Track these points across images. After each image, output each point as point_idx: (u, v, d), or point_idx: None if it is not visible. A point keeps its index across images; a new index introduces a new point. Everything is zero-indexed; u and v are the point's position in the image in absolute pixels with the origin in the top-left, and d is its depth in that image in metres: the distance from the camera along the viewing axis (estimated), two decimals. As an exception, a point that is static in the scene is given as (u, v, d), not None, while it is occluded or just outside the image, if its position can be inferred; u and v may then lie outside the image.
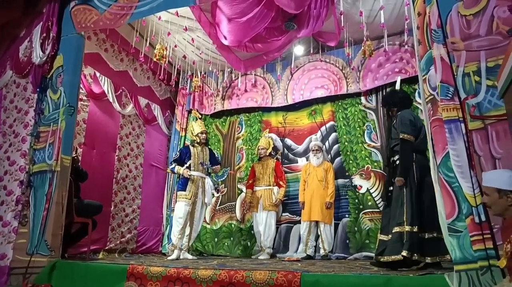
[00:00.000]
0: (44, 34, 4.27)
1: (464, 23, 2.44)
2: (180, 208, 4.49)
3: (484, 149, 2.20)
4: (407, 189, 3.08)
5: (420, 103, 4.79)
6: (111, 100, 5.25)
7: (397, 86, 3.63)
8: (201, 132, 4.85)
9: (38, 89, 4.23)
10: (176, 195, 4.74)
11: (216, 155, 5.12)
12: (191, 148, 4.80)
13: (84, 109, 4.94)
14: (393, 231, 3.04)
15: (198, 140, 4.81)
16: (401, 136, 3.16)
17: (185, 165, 4.62)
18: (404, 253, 2.85)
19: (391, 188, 3.26)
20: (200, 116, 5.20)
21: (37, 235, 3.60)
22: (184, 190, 4.56)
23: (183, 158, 4.71)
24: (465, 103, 2.30)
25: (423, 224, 2.99)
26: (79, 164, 4.35)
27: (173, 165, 4.71)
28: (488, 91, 2.27)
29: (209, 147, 5.15)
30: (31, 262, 3.42)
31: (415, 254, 2.86)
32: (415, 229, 2.93)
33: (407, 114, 3.32)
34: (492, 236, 2.04)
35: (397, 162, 3.22)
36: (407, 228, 2.94)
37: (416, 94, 4.99)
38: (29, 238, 3.66)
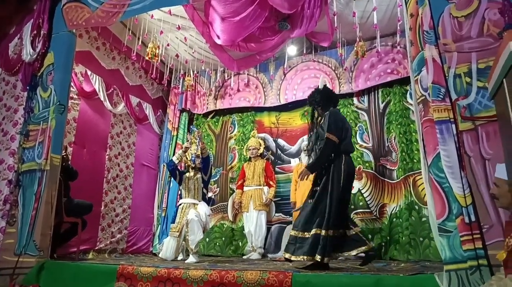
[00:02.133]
0: (35, 32, 4.21)
1: (456, 24, 2.46)
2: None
3: (474, 150, 2.21)
4: (332, 192, 3.04)
5: (411, 104, 4.83)
6: (102, 99, 5.20)
7: (320, 85, 3.56)
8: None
9: (28, 87, 4.16)
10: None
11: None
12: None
13: (75, 108, 4.88)
14: (311, 232, 3.02)
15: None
16: (326, 135, 3.13)
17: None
18: (318, 257, 2.90)
19: (317, 188, 3.20)
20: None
21: (26, 235, 3.53)
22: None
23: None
24: (456, 104, 2.32)
25: (340, 225, 3.05)
26: (69, 163, 4.30)
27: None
28: (479, 93, 2.29)
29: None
30: (19, 263, 3.35)
31: (326, 258, 2.91)
32: (331, 233, 2.96)
33: (334, 115, 3.27)
34: (482, 236, 2.06)
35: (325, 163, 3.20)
36: (323, 232, 2.96)
37: (408, 95, 5.03)
38: (17, 238, 3.60)
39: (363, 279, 2.39)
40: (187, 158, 4.71)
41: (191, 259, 4.15)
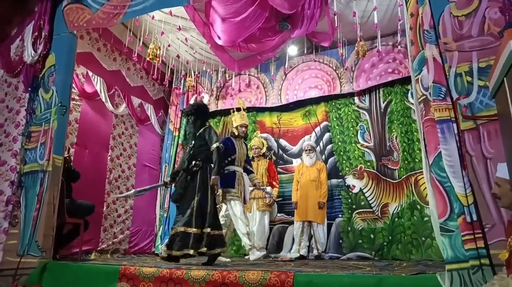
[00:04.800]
0: (36, 33, 4.22)
1: (456, 23, 2.46)
2: (236, 207, 4.25)
3: (475, 149, 2.21)
4: (203, 194, 3.63)
5: (413, 104, 4.83)
6: (103, 100, 5.21)
7: (192, 101, 4.21)
8: (241, 125, 4.56)
9: (29, 89, 4.18)
10: (223, 191, 4.34)
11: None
12: (234, 140, 4.48)
13: (77, 109, 4.90)
14: (181, 229, 3.51)
15: (237, 134, 4.53)
16: (215, 146, 3.78)
17: (229, 159, 4.34)
18: (191, 251, 3.40)
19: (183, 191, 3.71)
20: (244, 106, 4.87)
21: (28, 236, 3.55)
22: (234, 187, 4.28)
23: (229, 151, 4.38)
24: (457, 104, 2.32)
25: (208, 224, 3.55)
26: (71, 164, 4.31)
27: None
28: (480, 92, 2.28)
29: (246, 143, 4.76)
30: (22, 263, 3.36)
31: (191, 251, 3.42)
32: (196, 230, 3.49)
33: (212, 129, 4.00)
34: (484, 236, 2.05)
35: (195, 168, 3.72)
36: (194, 230, 3.49)
37: (409, 94, 5.03)
38: (19, 239, 3.61)
39: (365, 279, 2.38)
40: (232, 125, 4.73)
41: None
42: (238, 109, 4.69)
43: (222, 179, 4.19)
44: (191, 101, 4.11)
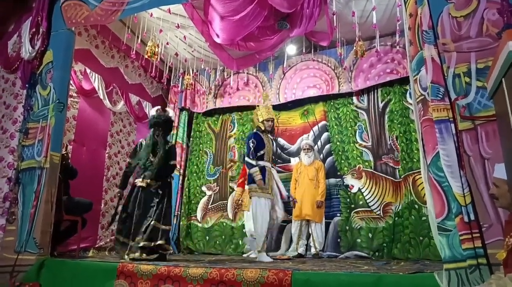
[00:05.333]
0: (34, 29, 4.21)
1: (455, 24, 2.47)
2: (260, 204, 4.02)
3: (473, 149, 2.22)
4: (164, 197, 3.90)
5: (411, 104, 4.84)
6: (101, 97, 5.20)
7: (154, 112, 4.20)
8: (267, 119, 4.35)
9: (27, 85, 4.17)
10: (249, 189, 4.19)
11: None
12: (262, 135, 4.29)
13: (74, 106, 4.88)
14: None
15: (263, 128, 4.34)
16: (172, 163, 4.04)
17: (259, 154, 4.17)
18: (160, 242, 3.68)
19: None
20: (270, 99, 4.55)
21: (25, 233, 3.54)
22: (264, 183, 4.08)
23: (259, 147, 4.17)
24: (455, 104, 2.33)
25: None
26: (69, 161, 4.30)
27: (255, 164, 4.11)
28: (478, 92, 2.29)
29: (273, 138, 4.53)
30: (19, 260, 3.36)
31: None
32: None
33: (175, 147, 4.28)
34: (481, 235, 2.07)
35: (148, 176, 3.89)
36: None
37: (408, 94, 5.04)
38: (17, 236, 3.60)
39: (363, 278, 2.40)
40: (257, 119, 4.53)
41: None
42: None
43: (251, 175, 4.13)
44: (153, 112, 4.17)
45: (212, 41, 4.92)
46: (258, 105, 4.68)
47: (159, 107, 4.32)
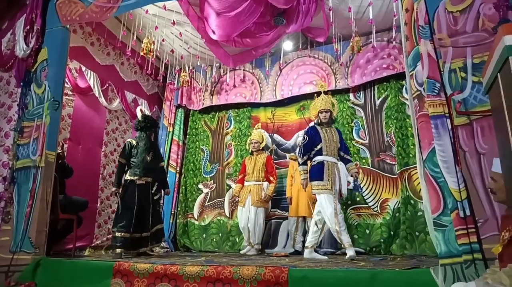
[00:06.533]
0: (28, 27, 4.17)
1: (451, 19, 2.46)
2: (325, 202, 3.75)
3: (469, 145, 2.22)
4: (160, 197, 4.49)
5: (407, 99, 4.84)
6: (97, 95, 5.17)
7: (139, 112, 4.56)
8: (320, 111, 4.09)
9: (21, 83, 4.14)
10: (312, 185, 3.95)
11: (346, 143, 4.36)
12: (319, 128, 4.08)
13: (70, 104, 4.86)
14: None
15: (319, 121, 4.13)
16: (162, 165, 4.53)
17: (315, 149, 3.97)
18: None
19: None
20: (326, 89, 4.31)
21: (21, 232, 3.52)
22: (322, 179, 3.85)
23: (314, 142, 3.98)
24: (451, 99, 2.33)
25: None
26: (65, 159, 4.28)
27: (305, 158, 3.95)
28: (474, 87, 2.29)
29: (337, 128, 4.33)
30: (14, 260, 3.34)
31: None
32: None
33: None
34: (477, 230, 2.07)
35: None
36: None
37: (404, 90, 5.04)
38: (12, 236, 3.58)
39: (359, 274, 2.40)
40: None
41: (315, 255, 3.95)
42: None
43: (310, 171, 3.97)
44: (140, 114, 4.43)
45: (208, 37, 4.89)
46: (316, 96, 4.40)
47: (140, 107, 4.61)
